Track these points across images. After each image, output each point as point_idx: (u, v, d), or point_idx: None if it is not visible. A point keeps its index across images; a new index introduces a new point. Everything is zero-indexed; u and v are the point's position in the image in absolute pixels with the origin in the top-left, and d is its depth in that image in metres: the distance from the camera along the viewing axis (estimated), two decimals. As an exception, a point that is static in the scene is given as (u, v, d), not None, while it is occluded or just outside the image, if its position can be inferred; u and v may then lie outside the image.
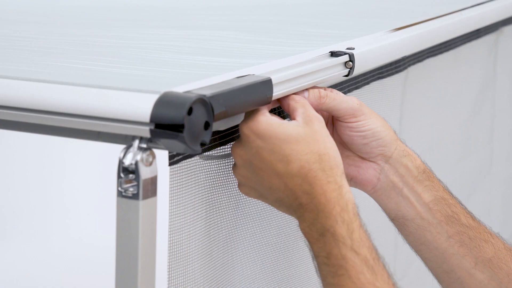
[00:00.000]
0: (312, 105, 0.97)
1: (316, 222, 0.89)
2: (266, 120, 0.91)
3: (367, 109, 1.01)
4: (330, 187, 0.89)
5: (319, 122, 0.92)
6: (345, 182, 0.91)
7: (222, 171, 0.96)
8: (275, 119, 0.91)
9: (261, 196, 0.94)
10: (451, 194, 1.05)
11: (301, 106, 0.94)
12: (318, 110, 0.98)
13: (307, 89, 0.98)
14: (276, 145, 0.90)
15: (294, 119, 0.93)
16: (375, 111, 1.05)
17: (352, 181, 1.04)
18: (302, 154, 0.90)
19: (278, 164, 0.90)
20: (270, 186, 0.91)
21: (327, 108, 0.99)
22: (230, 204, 0.99)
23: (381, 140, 1.01)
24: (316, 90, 0.99)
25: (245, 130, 0.91)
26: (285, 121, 0.91)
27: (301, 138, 0.90)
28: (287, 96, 0.96)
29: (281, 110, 1.00)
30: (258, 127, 0.90)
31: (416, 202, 1.03)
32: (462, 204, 1.05)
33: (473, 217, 1.05)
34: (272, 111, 0.98)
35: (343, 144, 1.03)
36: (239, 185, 0.96)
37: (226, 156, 0.97)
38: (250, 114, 0.92)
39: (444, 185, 1.06)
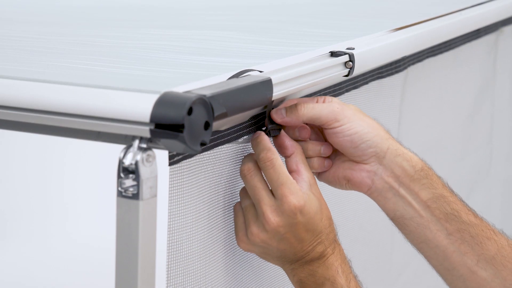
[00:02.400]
0: (292, 121, 0.98)
1: (316, 273, 0.96)
2: (308, 197, 0.94)
3: (349, 112, 1.00)
4: (333, 246, 0.97)
5: (316, 182, 0.97)
6: (338, 239, 0.99)
7: (222, 171, 0.96)
8: (306, 193, 0.95)
9: (263, 253, 0.97)
10: (451, 191, 1.04)
11: (304, 162, 0.97)
12: (300, 123, 1.00)
13: (283, 108, 0.98)
14: (311, 218, 0.94)
15: (299, 171, 0.96)
16: (375, 111, 1.05)
17: (349, 183, 1.05)
18: (322, 220, 0.96)
19: (305, 234, 0.94)
20: (285, 249, 0.95)
21: (308, 119, 0.99)
22: (230, 204, 0.99)
23: (369, 141, 1.01)
24: (293, 103, 0.98)
25: (294, 208, 0.93)
26: (309, 191, 0.95)
27: (319, 205, 0.96)
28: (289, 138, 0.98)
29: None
30: (305, 205, 0.93)
31: (413, 201, 1.03)
32: (463, 201, 1.04)
33: (475, 214, 1.04)
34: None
35: (336, 149, 1.04)
36: (244, 242, 0.96)
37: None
38: (293, 186, 0.93)
39: (444, 182, 1.05)
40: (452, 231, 1.03)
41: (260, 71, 0.94)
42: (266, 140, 0.96)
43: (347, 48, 1.10)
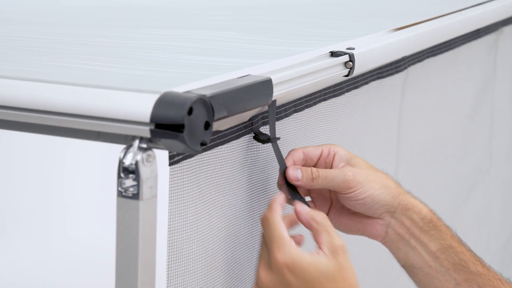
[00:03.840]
0: (305, 186, 0.99)
1: None
2: (299, 256, 0.91)
3: (361, 177, 1.01)
4: None
5: (344, 253, 0.93)
6: None
7: (222, 171, 0.96)
8: (307, 255, 0.92)
9: None
10: (459, 240, 1.06)
11: (325, 231, 0.94)
12: (311, 188, 1.01)
13: (299, 168, 0.99)
14: (307, 281, 0.91)
15: (319, 245, 0.94)
16: (375, 111, 1.05)
17: (363, 234, 1.07)
18: None
19: None
20: None
21: (321, 186, 1.00)
22: (230, 203, 0.99)
23: (381, 201, 1.03)
24: (308, 171, 0.99)
25: (280, 264, 0.91)
26: (316, 256, 0.92)
27: (330, 275, 0.91)
28: (306, 212, 0.96)
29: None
30: (295, 264, 0.91)
31: (423, 252, 1.05)
32: (471, 250, 1.06)
33: (482, 264, 1.06)
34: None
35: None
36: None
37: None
38: (283, 242, 0.91)
39: (453, 231, 1.07)
40: (460, 281, 1.05)
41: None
42: (273, 200, 0.95)
43: (347, 48, 1.10)
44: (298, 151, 1.02)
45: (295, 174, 0.99)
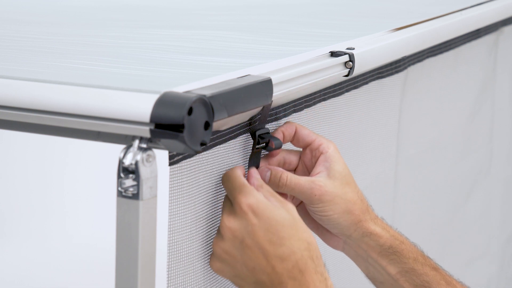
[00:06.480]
0: (271, 186, 0.97)
1: None
2: (263, 200, 0.90)
3: (328, 197, 0.99)
4: (318, 277, 0.89)
5: (295, 210, 0.92)
6: (327, 274, 0.91)
7: (222, 171, 0.96)
8: (271, 200, 0.91)
9: (236, 276, 0.91)
10: (423, 261, 1.05)
11: (273, 196, 0.92)
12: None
13: (270, 170, 0.98)
14: (272, 226, 0.89)
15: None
16: (375, 111, 1.05)
17: (324, 241, 1.06)
18: (295, 239, 0.89)
19: (268, 246, 0.88)
20: (253, 267, 0.89)
21: (288, 191, 0.99)
22: (230, 204, 0.99)
23: (338, 225, 1.01)
24: (277, 176, 0.98)
25: (244, 206, 0.89)
26: (276, 205, 0.90)
27: (293, 223, 0.90)
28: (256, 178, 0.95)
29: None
30: (259, 206, 0.89)
31: (382, 271, 1.05)
32: (437, 268, 1.06)
33: (447, 281, 1.05)
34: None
35: None
36: (213, 258, 0.92)
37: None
38: (245, 188, 0.90)
39: (419, 251, 1.06)
40: None
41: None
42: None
43: (347, 48, 1.10)
44: (292, 127, 1.00)
45: (264, 173, 0.98)
